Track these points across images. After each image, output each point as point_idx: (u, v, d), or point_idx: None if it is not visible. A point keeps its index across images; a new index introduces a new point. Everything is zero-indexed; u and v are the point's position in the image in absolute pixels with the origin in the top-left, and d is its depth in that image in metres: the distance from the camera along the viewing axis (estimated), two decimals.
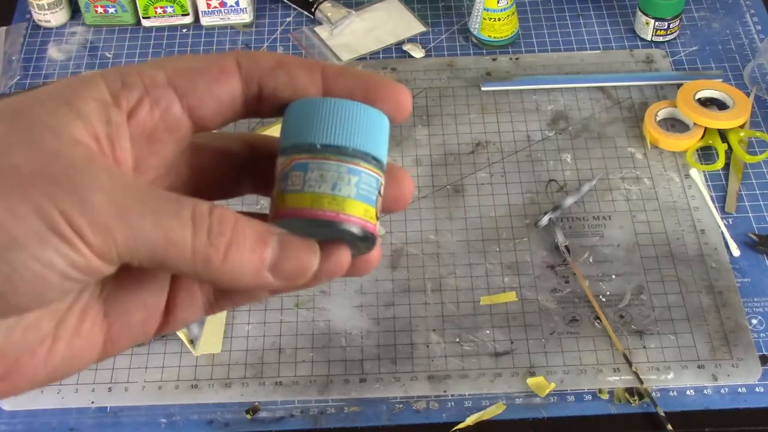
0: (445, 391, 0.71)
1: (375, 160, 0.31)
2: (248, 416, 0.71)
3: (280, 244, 0.29)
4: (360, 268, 0.33)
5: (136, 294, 0.31)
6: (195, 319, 0.33)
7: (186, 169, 0.32)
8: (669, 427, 0.68)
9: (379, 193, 0.32)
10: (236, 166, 0.34)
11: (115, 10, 1.01)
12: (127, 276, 0.30)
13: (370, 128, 0.31)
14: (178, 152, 0.31)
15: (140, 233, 0.26)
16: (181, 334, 0.74)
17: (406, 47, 0.98)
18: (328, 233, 0.31)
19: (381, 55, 0.98)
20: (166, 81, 0.29)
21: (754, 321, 0.75)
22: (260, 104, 0.31)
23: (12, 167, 0.25)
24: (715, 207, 0.82)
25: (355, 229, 0.30)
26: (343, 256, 0.31)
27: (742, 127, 0.87)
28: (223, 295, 0.33)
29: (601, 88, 0.93)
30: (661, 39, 0.97)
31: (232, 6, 1.00)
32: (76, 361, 0.30)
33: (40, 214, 0.25)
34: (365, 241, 0.31)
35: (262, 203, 0.76)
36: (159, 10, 1.00)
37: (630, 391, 0.71)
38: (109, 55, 0.99)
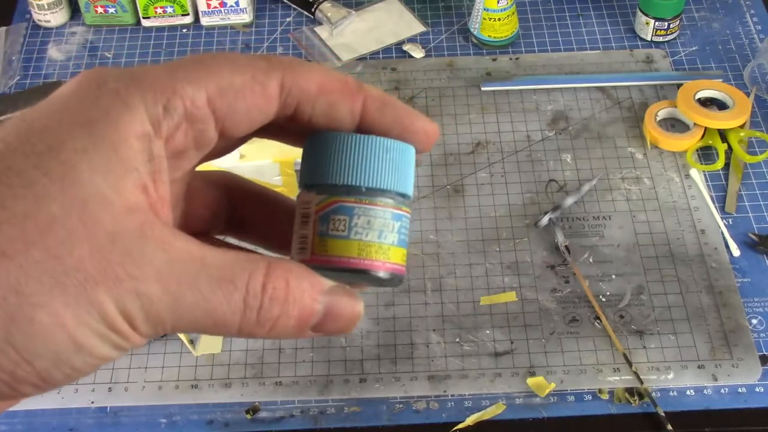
0: (445, 391, 0.71)
1: (408, 199, 0.31)
2: (248, 416, 0.71)
3: (326, 308, 0.29)
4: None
5: None
6: None
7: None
8: (669, 427, 0.68)
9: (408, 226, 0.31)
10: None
11: (115, 10, 1.01)
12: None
13: (406, 167, 0.30)
14: (197, 160, 0.30)
15: (190, 320, 0.27)
16: (181, 335, 0.74)
17: (406, 47, 0.98)
18: (365, 277, 0.30)
19: (381, 55, 0.98)
20: (206, 103, 0.28)
21: (754, 321, 0.75)
22: (288, 122, 0.30)
23: (77, 266, 0.25)
24: (715, 207, 0.82)
25: (391, 276, 0.30)
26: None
27: (742, 127, 0.87)
28: None
29: (601, 88, 0.93)
30: (661, 39, 0.97)
31: (232, 6, 1.00)
32: None
33: (103, 316, 0.26)
34: (395, 283, 0.31)
35: None
36: (159, 10, 1.00)
37: (630, 391, 0.71)
38: (109, 55, 0.99)
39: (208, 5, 1.00)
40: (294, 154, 0.83)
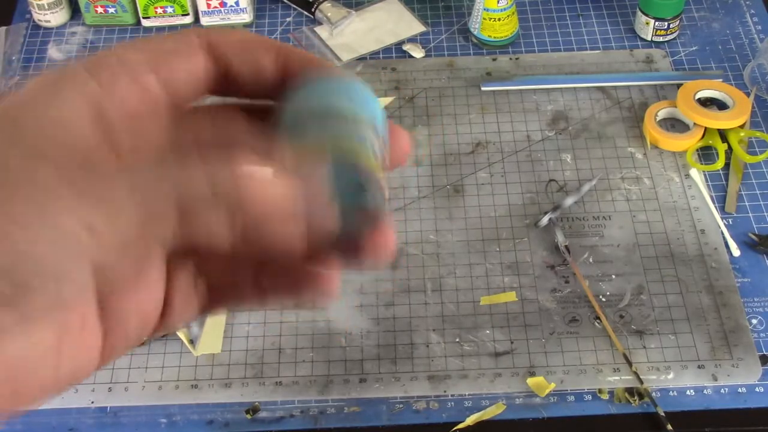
0: (445, 391, 0.71)
1: (372, 123, 0.32)
2: (248, 416, 0.71)
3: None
4: (378, 249, 0.32)
5: (134, 298, 0.31)
6: (190, 320, 0.34)
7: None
8: (669, 427, 0.68)
9: (383, 157, 0.32)
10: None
11: (115, 10, 1.01)
12: (124, 280, 0.30)
13: (360, 96, 0.32)
14: (158, 131, 0.32)
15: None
16: (181, 334, 0.74)
17: (406, 47, 0.98)
18: (336, 173, 0.31)
19: (381, 55, 0.98)
20: (143, 60, 0.31)
21: (754, 321, 0.75)
22: (230, 83, 0.33)
23: (45, 184, 0.26)
24: (715, 207, 0.82)
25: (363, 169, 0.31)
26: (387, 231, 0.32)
27: (742, 127, 0.87)
28: (218, 298, 0.33)
29: (601, 88, 0.93)
30: (661, 39, 0.97)
31: (232, 6, 1.00)
32: (78, 374, 0.30)
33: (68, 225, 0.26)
34: (374, 188, 0.31)
35: None
36: (159, 10, 1.00)
37: (630, 391, 0.71)
38: None
39: (208, 5, 1.00)
40: None
